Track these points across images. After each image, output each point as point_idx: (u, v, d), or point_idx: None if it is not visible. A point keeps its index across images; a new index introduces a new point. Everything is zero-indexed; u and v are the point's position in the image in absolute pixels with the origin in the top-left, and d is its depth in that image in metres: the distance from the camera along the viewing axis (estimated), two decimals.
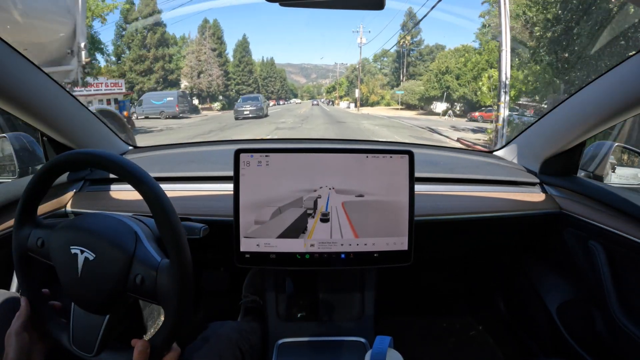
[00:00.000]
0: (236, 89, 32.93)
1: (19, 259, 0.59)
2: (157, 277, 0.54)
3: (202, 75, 27.44)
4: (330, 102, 42.29)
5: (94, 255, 0.54)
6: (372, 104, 32.10)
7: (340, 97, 40.38)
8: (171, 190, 0.94)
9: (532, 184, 1.05)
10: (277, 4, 0.51)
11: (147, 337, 1.17)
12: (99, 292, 0.54)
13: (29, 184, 0.58)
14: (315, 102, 45.91)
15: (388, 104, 30.67)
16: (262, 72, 39.26)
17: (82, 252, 0.54)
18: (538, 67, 8.06)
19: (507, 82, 7.29)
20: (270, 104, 33.43)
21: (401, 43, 31.72)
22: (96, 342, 0.56)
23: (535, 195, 1.02)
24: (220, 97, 28.82)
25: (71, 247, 0.55)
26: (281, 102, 39.85)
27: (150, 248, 0.57)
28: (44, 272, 0.60)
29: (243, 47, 35.04)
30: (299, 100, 46.48)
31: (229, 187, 0.78)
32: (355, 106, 30.74)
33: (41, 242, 0.58)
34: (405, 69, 31.17)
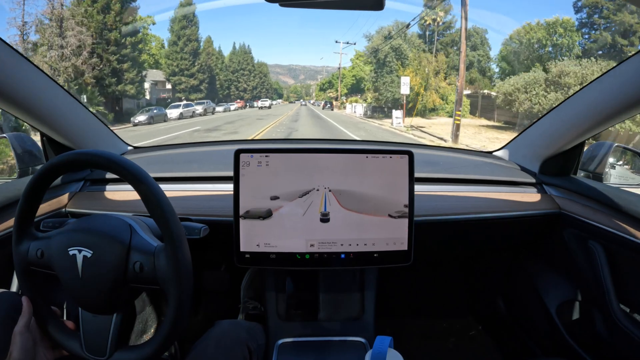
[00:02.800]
0: (173, 81, 20.29)
1: (22, 273, 0.60)
2: (155, 260, 0.55)
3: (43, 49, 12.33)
4: (328, 105, 28.14)
5: (91, 252, 0.55)
6: (422, 112, 16.09)
7: (345, 97, 27.17)
8: (171, 190, 0.94)
9: (532, 184, 1.05)
10: (276, 4, 0.51)
11: (147, 336, 1.18)
12: (102, 289, 0.55)
13: (27, 186, 0.58)
14: (303, 103, 36.95)
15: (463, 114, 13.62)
16: (231, 63, 28.10)
17: (79, 251, 0.55)
18: None
19: None
20: (232, 108, 23.80)
21: (427, 23, 19.44)
22: (107, 344, 0.57)
23: (535, 196, 1.02)
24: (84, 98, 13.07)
25: (69, 249, 0.55)
26: (256, 104, 28.79)
27: (146, 236, 0.59)
28: (48, 284, 0.61)
29: (184, 13, 20.86)
30: (267, 102, 28.00)
31: (229, 187, 0.78)
32: (404, 115, 14.23)
33: (40, 253, 0.58)
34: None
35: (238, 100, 27.19)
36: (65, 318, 0.69)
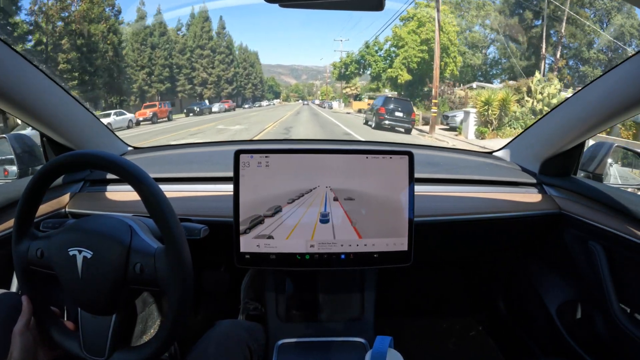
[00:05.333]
0: None
1: (22, 273, 0.60)
2: (155, 262, 0.55)
3: None
4: (399, 115, 10.47)
5: (92, 253, 0.55)
6: None
7: (365, 93, 15.75)
8: (171, 190, 0.94)
9: (532, 185, 1.05)
10: (276, 5, 0.51)
11: (147, 337, 1.18)
12: (102, 290, 0.55)
13: (27, 187, 0.58)
14: (305, 103, 29.81)
15: None
16: (179, 38, 17.38)
17: (79, 252, 0.55)
18: None
19: None
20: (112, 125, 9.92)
21: None
22: (106, 345, 0.57)
23: (535, 196, 1.02)
24: None
25: (69, 249, 0.55)
26: (225, 105, 17.27)
27: (146, 238, 0.59)
28: (47, 285, 0.61)
29: None
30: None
31: (229, 187, 0.78)
32: None
33: (40, 253, 0.58)
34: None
35: (148, 105, 13.47)
36: (65, 318, 0.69)
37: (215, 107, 17.03)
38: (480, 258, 1.33)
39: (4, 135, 1.07)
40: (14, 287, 0.84)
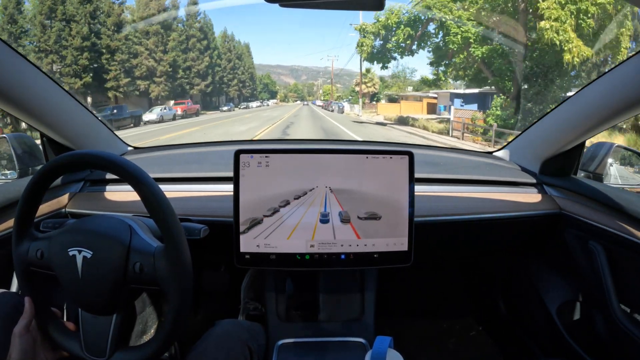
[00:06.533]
0: None
1: (22, 274, 0.60)
2: (155, 261, 0.55)
3: None
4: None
5: (91, 253, 0.55)
6: None
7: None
8: (171, 190, 0.94)
9: (532, 185, 1.05)
10: (276, 5, 0.51)
11: (147, 337, 1.18)
12: (102, 290, 0.55)
13: (27, 187, 0.58)
14: (305, 103, 28.02)
15: None
16: (137, 13, 11.66)
17: (79, 252, 0.55)
18: None
19: None
20: None
21: None
22: (107, 345, 0.57)
23: (535, 196, 1.02)
24: None
25: (69, 249, 0.55)
26: (176, 110, 11.39)
27: (146, 237, 0.59)
28: (47, 285, 0.61)
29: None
30: None
31: (229, 187, 0.78)
32: None
33: (40, 253, 0.58)
34: None
35: None
36: (65, 319, 0.69)
37: (153, 114, 10.45)
38: (480, 258, 1.33)
39: (4, 135, 1.07)
40: (14, 287, 0.84)
